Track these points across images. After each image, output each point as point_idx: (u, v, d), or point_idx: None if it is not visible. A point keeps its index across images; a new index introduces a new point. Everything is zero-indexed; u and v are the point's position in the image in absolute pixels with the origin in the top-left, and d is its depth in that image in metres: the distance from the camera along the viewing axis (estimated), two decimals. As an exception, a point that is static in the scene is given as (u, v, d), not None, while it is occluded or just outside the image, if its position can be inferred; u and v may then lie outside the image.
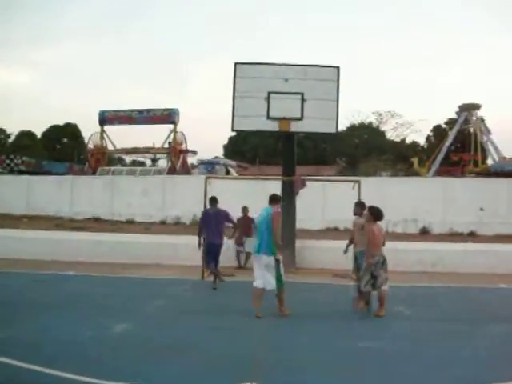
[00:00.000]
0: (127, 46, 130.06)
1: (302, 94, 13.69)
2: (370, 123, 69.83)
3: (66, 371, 5.62)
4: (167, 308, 9.48)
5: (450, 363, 6.33)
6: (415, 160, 53.82)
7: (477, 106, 56.34)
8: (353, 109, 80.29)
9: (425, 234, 23.66)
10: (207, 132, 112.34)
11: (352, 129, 68.28)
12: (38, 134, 78.08)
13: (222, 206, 22.42)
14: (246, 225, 14.90)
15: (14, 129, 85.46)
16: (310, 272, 13.68)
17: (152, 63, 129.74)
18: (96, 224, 24.86)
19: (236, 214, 15.77)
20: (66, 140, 77.50)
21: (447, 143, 56.54)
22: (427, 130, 74.01)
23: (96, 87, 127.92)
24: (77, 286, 11.18)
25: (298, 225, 15.17)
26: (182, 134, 46.77)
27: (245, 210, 15.26)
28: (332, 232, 22.86)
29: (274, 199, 9.24)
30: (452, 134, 57.35)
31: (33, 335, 7.09)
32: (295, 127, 13.94)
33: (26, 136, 75.69)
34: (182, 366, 6.05)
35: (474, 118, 56.52)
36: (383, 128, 70.31)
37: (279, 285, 8.87)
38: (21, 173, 39.85)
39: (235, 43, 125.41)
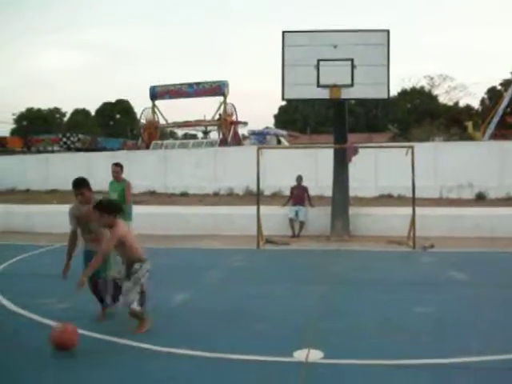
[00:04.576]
0: (175, 21, 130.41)
1: (352, 60, 13.52)
2: (422, 87, 68.47)
3: (127, 339, 5.83)
4: (224, 277, 9.63)
5: (505, 329, 6.28)
6: (469, 124, 52.51)
7: (534, 65, 54.39)
8: (404, 73, 78.94)
9: (481, 199, 23.17)
10: (257, 102, 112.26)
11: (403, 94, 67.14)
12: (92, 112, 79.69)
13: (273, 176, 22.59)
14: (299, 194, 14.98)
15: (68, 107, 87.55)
16: (364, 239, 13.66)
17: (200, 36, 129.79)
18: (151, 197, 25.33)
19: (289, 183, 15.89)
20: (118, 116, 78.82)
21: (502, 105, 54.84)
22: (482, 93, 72.13)
23: (146, 63, 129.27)
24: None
25: (351, 192, 15.16)
26: (232, 105, 46.85)
27: (299, 179, 15.25)
28: (385, 199, 22.68)
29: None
30: (508, 96, 55.53)
31: (93, 306, 7.35)
32: (346, 94, 13.81)
33: (80, 114, 77.35)
34: (240, 333, 6.17)
35: (531, 78, 54.64)
36: (435, 92, 68.95)
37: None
38: (77, 150, 40.84)
39: (282, 11, 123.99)
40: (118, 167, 10.57)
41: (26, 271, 10.25)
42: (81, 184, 6.89)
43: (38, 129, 59.98)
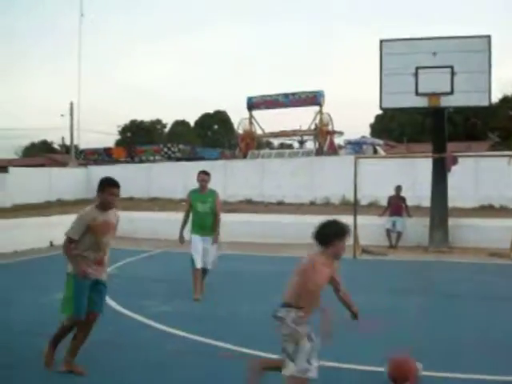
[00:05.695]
0: (270, 31, 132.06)
1: (452, 67, 13.29)
2: (526, 94, 65.49)
3: (230, 343, 6.01)
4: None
5: None
6: None
7: None
8: (506, 79, 75.98)
9: None
10: (353, 111, 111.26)
11: (505, 101, 64.48)
12: (191, 123, 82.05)
13: (370, 185, 22.38)
14: (397, 204, 14.79)
15: (169, 119, 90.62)
16: (463, 251, 13.33)
17: (296, 46, 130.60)
18: (248, 206, 25.73)
19: (385, 193, 15.76)
20: (216, 127, 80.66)
21: None
22: None
23: (243, 74, 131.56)
24: (235, 265, 11.67)
25: (450, 203, 14.78)
26: (328, 115, 46.74)
27: (398, 189, 15.04)
28: (486, 210, 21.93)
29: None
30: None
31: (198, 310, 7.62)
32: (445, 102, 13.57)
33: (180, 125, 79.82)
34: (335, 341, 6.21)
35: None
36: (542, 98, 65.73)
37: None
38: (177, 160, 42.08)
39: (378, 19, 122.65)
40: (206, 176, 8.97)
41: (131, 274, 10.79)
42: (117, 183, 5.41)
43: (141, 140, 62.41)
